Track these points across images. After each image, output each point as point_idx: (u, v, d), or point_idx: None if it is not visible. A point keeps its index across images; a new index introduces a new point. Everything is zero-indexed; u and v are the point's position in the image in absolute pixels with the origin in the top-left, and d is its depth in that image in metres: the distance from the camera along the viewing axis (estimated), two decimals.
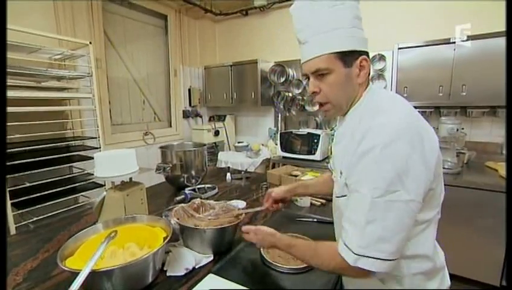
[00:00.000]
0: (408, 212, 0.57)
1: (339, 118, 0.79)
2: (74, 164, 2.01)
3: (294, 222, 1.20)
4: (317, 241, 0.74)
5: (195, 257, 0.89)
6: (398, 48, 2.26)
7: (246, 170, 2.12)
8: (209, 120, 3.58)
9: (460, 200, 1.86)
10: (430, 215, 0.66)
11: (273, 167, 2.70)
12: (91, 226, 0.88)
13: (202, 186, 1.61)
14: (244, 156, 3.08)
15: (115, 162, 1.08)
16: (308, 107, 2.97)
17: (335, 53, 0.64)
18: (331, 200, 1.03)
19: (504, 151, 2.21)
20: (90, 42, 2.00)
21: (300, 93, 3.01)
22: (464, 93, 2.05)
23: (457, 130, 1.94)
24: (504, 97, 1.91)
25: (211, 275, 0.82)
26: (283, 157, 2.75)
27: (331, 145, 0.86)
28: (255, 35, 3.38)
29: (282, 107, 3.12)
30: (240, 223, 0.95)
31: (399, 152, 0.56)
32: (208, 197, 1.49)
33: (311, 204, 1.37)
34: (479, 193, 1.81)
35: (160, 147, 1.68)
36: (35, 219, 1.65)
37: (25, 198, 1.62)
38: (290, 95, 3.05)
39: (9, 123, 1.43)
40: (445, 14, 2.29)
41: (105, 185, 2.01)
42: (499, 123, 2.23)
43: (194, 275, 0.83)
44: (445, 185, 0.70)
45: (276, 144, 2.95)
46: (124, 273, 0.70)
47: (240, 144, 3.30)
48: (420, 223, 0.64)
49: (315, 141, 2.55)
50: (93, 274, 0.64)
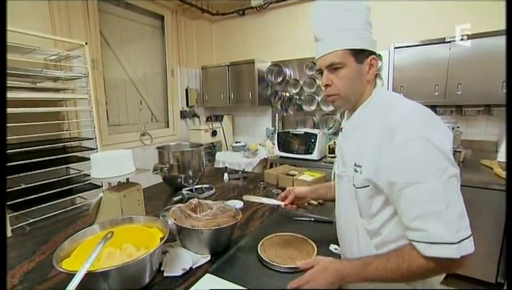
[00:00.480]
0: (458, 186, 0.63)
1: (346, 114, 0.83)
2: (71, 165, 2.00)
3: (292, 221, 1.20)
4: (383, 254, 0.67)
5: (192, 257, 0.89)
6: (395, 48, 2.27)
7: (244, 170, 2.12)
8: (207, 120, 3.57)
9: None
10: None
11: (271, 166, 2.71)
12: (87, 228, 0.87)
13: (200, 186, 1.61)
14: (241, 156, 3.07)
15: (111, 163, 1.07)
16: (305, 106, 2.97)
17: (348, 50, 0.70)
18: (330, 200, 1.04)
19: (500, 149, 2.23)
20: (86, 43, 1.99)
21: (297, 93, 3.02)
22: (460, 92, 2.07)
23: (453, 128, 1.96)
24: (498, 96, 1.93)
25: (208, 275, 0.83)
26: (280, 157, 2.76)
27: (338, 140, 0.86)
28: (251, 35, 3.38)
29: (279, 107, 3.12)
30: (238, 223, 0.96)
31: (434, 135, 0.61)
32: (206, 197, 1.49)
33: (308, 203, 1.37)
34: (474, 191, 1.83)
35: (158, 148, 1.68)
36: (31, 221, 1.64)
37: (20, 200, 1.61)
38: (287, 94, 3.06)
39: None
40: (441, 14, 2.31)
41: (102, 186, 2.00)
42: (494, 122, 2.25)
43: (191, 276, 0.83)
44: None
45: (273, 144, 2.95)
46: (121, 274, 0.70)
47: (238, 144, 3.30)
48: None
49: (312, 141, 2.56)
50: (90, 275, 0.64)
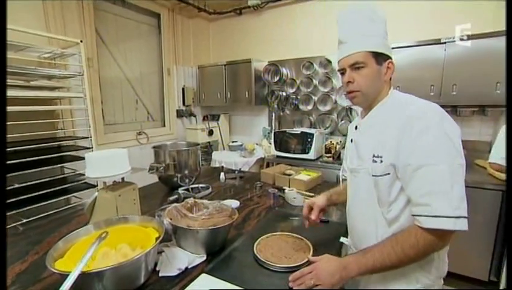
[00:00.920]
0: (463, 175, 0.71)
1: (361, 112, 0.92)
2: (65, 165, 1.98)
3: (288, 220, 1.21)
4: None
5: (188, 257, 0.88)
6: (391, 48, 2.28)
7: (240, 169, 2.12)
8: (203, 119, 3.56)
9: None
10: None
11: (267, 166, 2.71)
12: (82, 227, 0.86)
13: (196, 186, 1.60)
14: (238, 156, 3.07)
15: (106, 162, 1.06)
16: (302, 106, 2.98)
17: (370, 52, 0.79)
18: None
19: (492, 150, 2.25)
20: (81, 41, 1.97)
21: (294, 92, 3.02)
22: (454, 93, 2.09)
23: None
24: (493, 97, 1.95)
25: (203, 275, 0.82)
26: (277, 156, 2.76)
27: (351, 137, 0.93)
28: (248, 35, 3.37)
29: (276, 106, 3.12)
30: (234, 223, 0.95)
31: (448, 128, 0.70)
32: (202, 196, 1.48)
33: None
34: (468, 191, 1.81)
35: (154, 147, 1.67)
36: (24, 221, 1.61)
37: (14, 199, 1.58)
38: (284, 94, 3.06)
39: None
40: (437, 15, 2.32)
41: (97, 185, 1.98)
42: (488, 122, 2.27)
43: (186, 275, 0.83)
44: None
45: (270, 143, 2.96)
46: (116, 274, 0.69)
47: (234, 144, 3.30)
48: None
49: (309, 140, 2.56)
50: (84, 276, 0.64)
